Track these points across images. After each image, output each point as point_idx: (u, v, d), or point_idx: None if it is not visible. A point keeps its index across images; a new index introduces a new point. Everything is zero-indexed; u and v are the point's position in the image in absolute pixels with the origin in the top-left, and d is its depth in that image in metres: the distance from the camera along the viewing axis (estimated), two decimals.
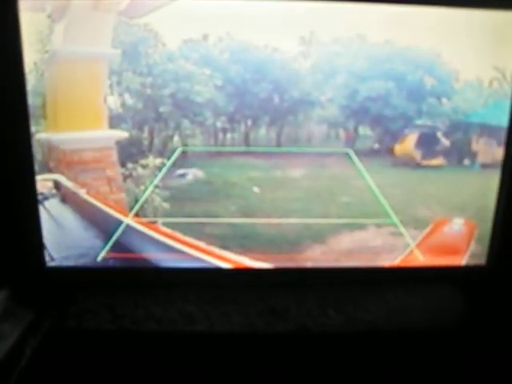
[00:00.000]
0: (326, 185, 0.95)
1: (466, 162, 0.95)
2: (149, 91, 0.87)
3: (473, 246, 0.98)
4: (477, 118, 0.93)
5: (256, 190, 0.94)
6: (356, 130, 0.94)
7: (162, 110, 0.88)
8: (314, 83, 0.89)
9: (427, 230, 0.97)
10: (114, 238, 0.91)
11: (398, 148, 0.94)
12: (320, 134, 0.93)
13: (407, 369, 0.85)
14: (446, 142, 0.94)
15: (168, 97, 0.88)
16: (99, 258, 0.92)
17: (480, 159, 0.95)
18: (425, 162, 0.96)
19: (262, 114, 0.92)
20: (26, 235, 0.88)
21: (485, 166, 0.95)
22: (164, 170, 0.90)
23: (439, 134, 0.94)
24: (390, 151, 0.94)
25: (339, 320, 0.88)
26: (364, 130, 0.94)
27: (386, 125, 0.93)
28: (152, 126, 0.89)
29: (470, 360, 0.84)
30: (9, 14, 0.78)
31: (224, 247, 0.94)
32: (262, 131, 0.93)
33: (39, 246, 0.89)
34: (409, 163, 0.95)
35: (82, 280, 0.93)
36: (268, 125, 0.93)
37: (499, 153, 0.94)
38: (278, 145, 0.93)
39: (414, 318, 0.91)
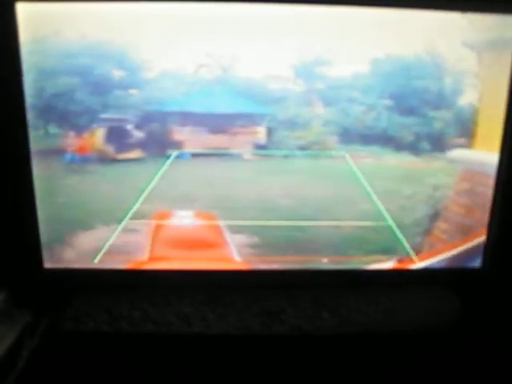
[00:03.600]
0: None
1: (170, 152, 0.91)
2: None
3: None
4: (176, 106, 0.90)
5: None
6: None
7: None
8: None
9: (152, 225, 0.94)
10: (111, 240, 0.92)
11: (88, 144, 0.90)
12: None
13: (401, 370, 0.85)
14: (138, 133, 0.90)
15: None
16: (96, 260, 0.92)
17: (189, 148, 0.92)
18: (120, 156, 0.92)
19: None
20: (24, 237, 0.88)
21: (196, 154, 0.92)
22: (160, 173, 0.90)
23: (130, 126, 0.90)
24: (81, 148, 0.89)
25: (333, 322, 0.89)
26: (53, 128, 0.89)
27: (73, 121, 0.88)
28: None
29: (464, 362, 0.85)
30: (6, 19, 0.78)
31: None
32: None
33: (37, 247, 0.89)
34: (104, 158, 0.91)
35: (79, 282, 0.94)
36: None
37: (214, 140, 0.91)
38: None
39: (409, 320, 0.91)
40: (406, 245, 0.97)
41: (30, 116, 0.86)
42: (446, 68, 0.89)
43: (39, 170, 0.88)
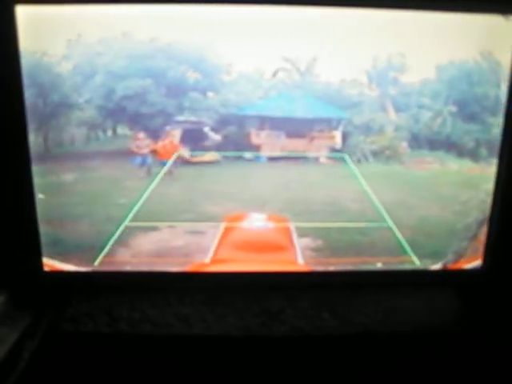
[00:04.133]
0: None
1: (248, 155, 0.92)
2: None
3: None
4: (254, 109, 0.90)
5: None
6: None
7: None
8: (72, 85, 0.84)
9: (222, 227, 0.94)
10: (111, 242, 0.92)
11: (162, 146, 0.90)
12: (81, 137, 0.89)
13: (401, 370, 0.86)
14: (215, 136, 0.90)
15: None
16: (96, 262, 0.93)
17: (265, 152, 0.92)
18: (195, 159, 0.92)
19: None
20: (24, 239, 0.88)
21: (272, 158, 0.92)
22: (159, 175, 0.90)
23: (206, 129, 0.90)
24: (153, 151, 0.89)
25: (334, 322, 0.89)
26: (122, 130, 0.90)
27: (145, 123, 0.88)
28: None
29: (464, 362, 0.85)
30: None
31: None
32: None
33: (37, 249, 0.90)
34: (178, 161, 0.91)
35: (78, 283, 0.94)
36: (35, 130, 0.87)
37: (291, 144, 0.92)
38: (47, 150, 0.86)
39: (409, 320, 0.91)
40: (409, 249, 0.98)
41: (99, 117, 0.86)
42: (501, 74, 0.89)
43: (105, 171, 0.89)
